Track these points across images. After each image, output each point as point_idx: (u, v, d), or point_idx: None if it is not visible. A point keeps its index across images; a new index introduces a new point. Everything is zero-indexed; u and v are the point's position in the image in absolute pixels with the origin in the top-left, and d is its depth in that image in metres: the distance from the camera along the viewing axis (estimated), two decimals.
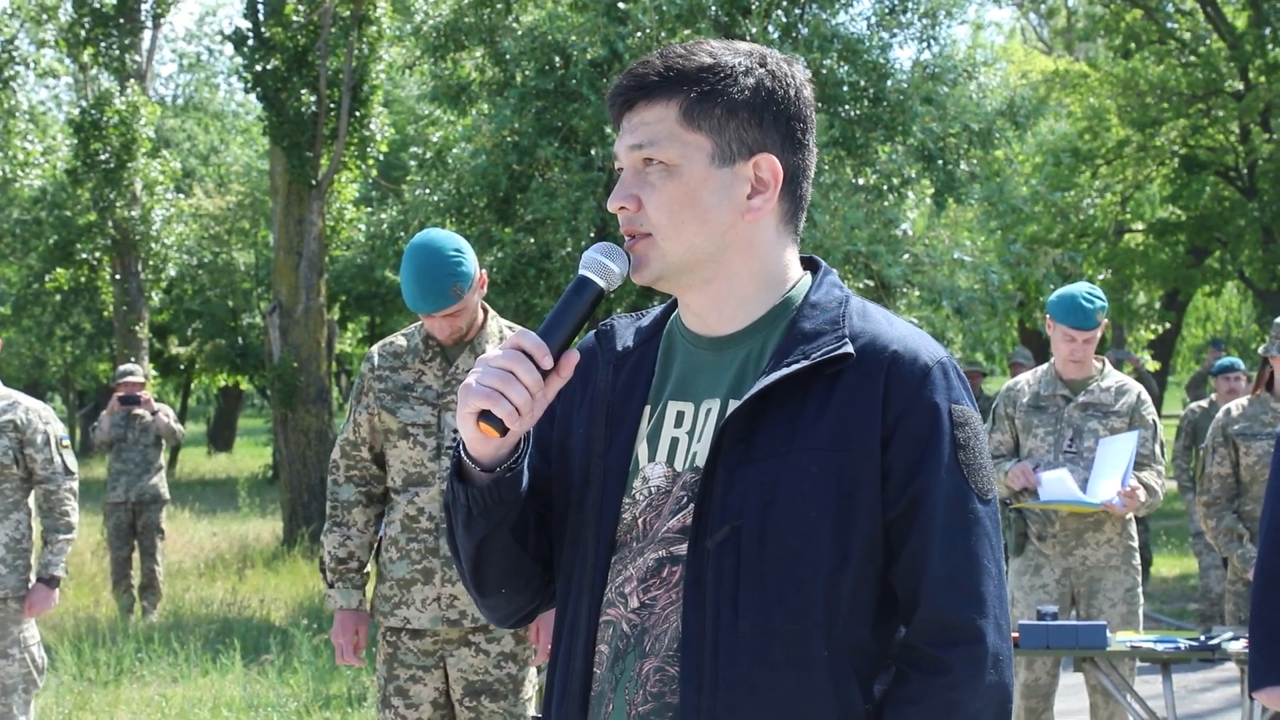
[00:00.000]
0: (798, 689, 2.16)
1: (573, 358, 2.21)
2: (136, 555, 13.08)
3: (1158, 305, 25.51)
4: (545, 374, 2.18)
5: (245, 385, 34.90)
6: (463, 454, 2.25)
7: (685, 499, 2.24)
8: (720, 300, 2.29)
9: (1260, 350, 6.88)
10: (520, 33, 13.31)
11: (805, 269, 2.37)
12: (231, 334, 30.29)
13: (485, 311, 5.05)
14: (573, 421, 2.38)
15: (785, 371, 2.19)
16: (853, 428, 2.18)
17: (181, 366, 32.94)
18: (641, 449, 2.30)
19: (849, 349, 2.21)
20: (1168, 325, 25.24)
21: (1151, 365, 23.24)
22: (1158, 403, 21.58)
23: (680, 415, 2.30)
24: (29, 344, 31.87)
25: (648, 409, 2.33)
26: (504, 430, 2.15)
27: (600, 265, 2.24)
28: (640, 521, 2.27)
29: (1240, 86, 21.17)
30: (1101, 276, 22.81)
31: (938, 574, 2.18)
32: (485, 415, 2.15)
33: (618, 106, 2.29)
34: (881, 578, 2.21)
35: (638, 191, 2.24)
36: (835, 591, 2.17)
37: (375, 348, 5.09)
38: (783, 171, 2.27)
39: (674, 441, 2.29)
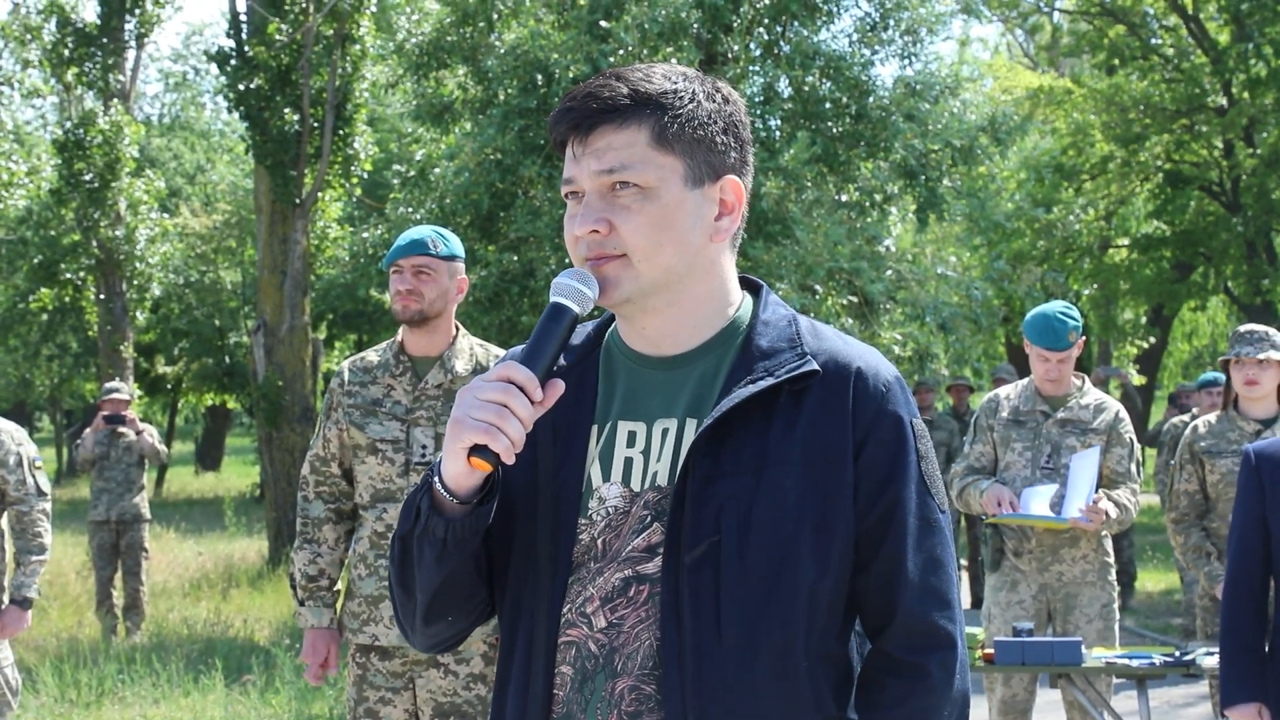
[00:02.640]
0: (782, 699, 2.20)
1: (557, 387, 2.20)
2: (121, 575, 13.04)
3: (1143, 320, 25.55)
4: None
5: (232, 404, 34.83)
6: (439, 487, 2.21)
7: (649, 518, 2.25)
8: (679, 322, 2.30)
9: (1219, 359, 6.89)
10: (503, 51, 13.30)
11: (744, 289, 2.39)
12: (218, 353, 30.23)
13: (458, 329, 5.08)
14: None
15: (755, 389, 2.22)
16: (825, 442, 2.23)
17: (168, 385, 32.87)
18: (594, 470, 2.30)
19: (814, 366, 2.25)
20: (1153, 340, 25.28)
21: (1138, 380, 23.28)
22: (1144, 418, 21.63)
23: (632, 435, 2.30)
24: (15, 364, 31.83)
25: (595, 429, 2.32)
26: (498, 465, 2.14)
27: (575, 291, 2.22)
28: (599, 542, 2.27)
29: (1223, 101, 21.23)
30: (1087, 292, 22.85)
31: (913, 582, 2.25)
32: (478, 450, 2.12)
33: (576, 128, 2.26)
34: (848, 587, 2.26)
35: (609, 215, 2.23)
36: (815, 602, 2.21)
37: (346, 363, 5.11)
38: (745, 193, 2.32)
39: (628, 461, 2.29)
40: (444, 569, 2.26)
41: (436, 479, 2.22)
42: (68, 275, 21.32)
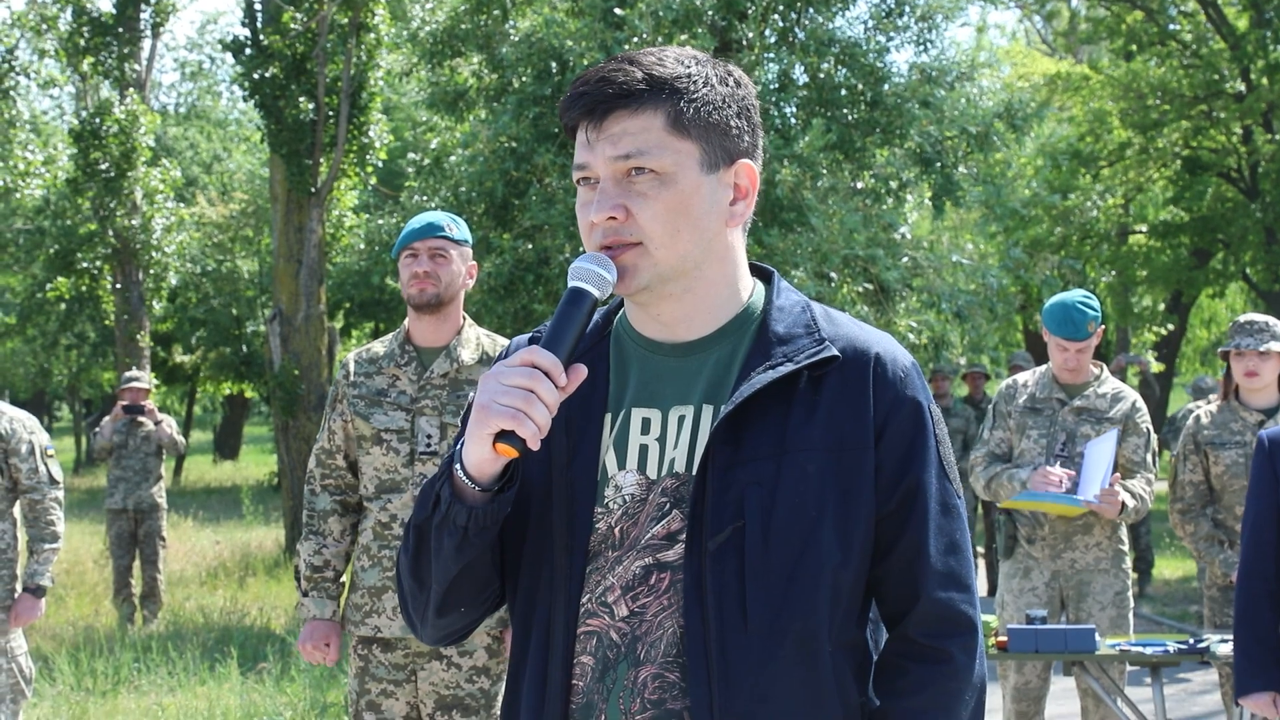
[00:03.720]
0: (806, 685, 2.19)
1: (580, 372, 2.19)
2: (138, 564, 13.08)
3: (1161, 307, 25.44)
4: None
5: (250, 393, 34.89)
6: (460, 475, 2.20)
7: (668, 505, 2.23)
8: (695, 308, 2.29)
9: (1219, 350, 6.87)
10: (517, 39, 13.29)
11: (755, 276, 2.38)
12: (235, 342, 30.29)
13: (464, 318, 5.05)
14: None
15: (776, 374, 2.21)
16: (846, 428, 2.22)
17: (186, 375, 32.93)
18: (609, 458, 2.28)
19: (834, 351, 2.24)
20: (1171, 327, 25.17)
21: (1156, 367, 23.18)
22: (1163, 405, 21.55)
23: (646, 422, 2.28)
24: (34, 353, 31.91)
25: (608, 417, 2.31)
26: (524, 450, 2.13)
27: (595, 275, 2.20)
28: (616, 530, 2.25)
29: (1242, 88, 21.12)
30: (1105, 279, 22.77)
31: (935, 567, 2.25)
32: (504, 435, 2.11)
33: (589, 113, 2.24)
34: (868, 573, 2.26)
35: (625, 201, 2.21)
36: (838, 588, 2.21)
37: (351, 355, 5.09)
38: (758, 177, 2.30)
39: (643, 449, 2.27)
40: (463, 558, 2.25)
41: (458, 466, 2.20)
42: (84, 264, 21.37)
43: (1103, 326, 6.67)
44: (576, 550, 2.26)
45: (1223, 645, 5.94)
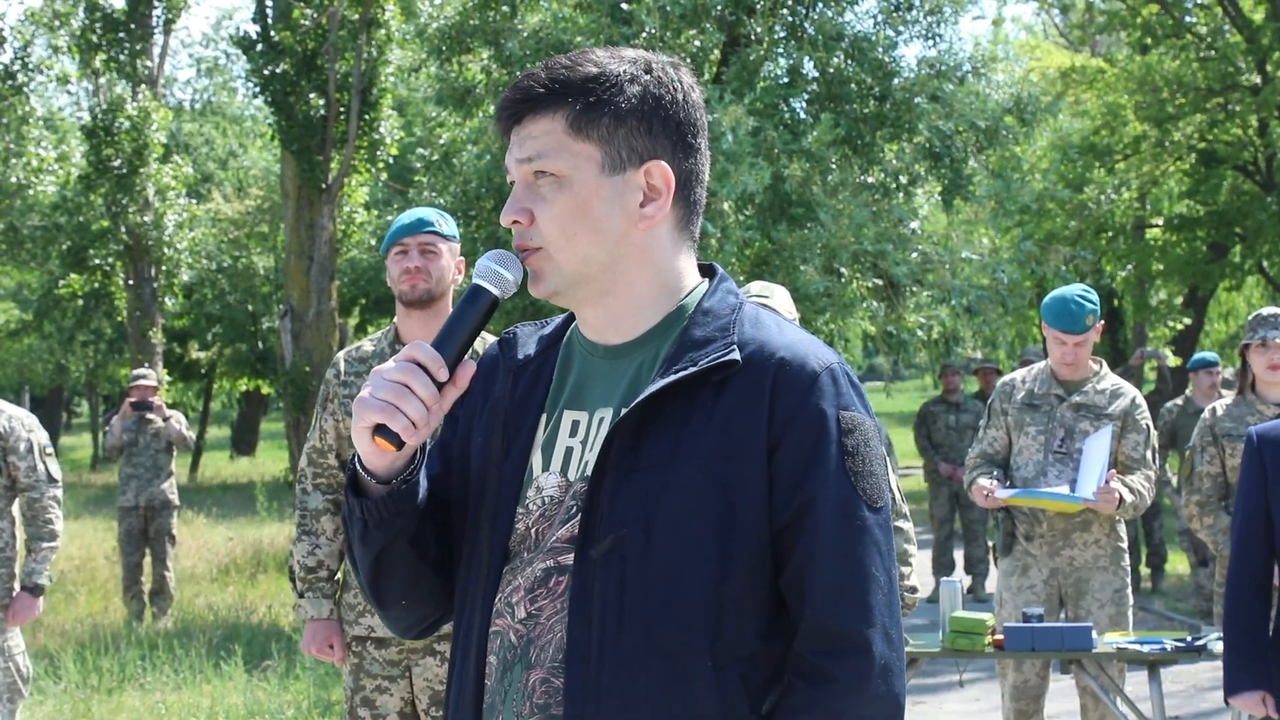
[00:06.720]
0: (680, 701, 2.13)
1: (468, 368, 2.21)
2: (148, 561, 13.12)
3: (1178, 301, 25.33)
4: (441, 386, 2.18)
5: (266, 389, 34.97)
6: (358, 467, 2.25)
7: (575, 509, 2.22)
8: (617, 311, 2.28)
9: (1240, 344, 6.83)
10: (525, 34, 13.27)
11: (703, 276, 2.34)
12: (251, 338, 30.35)
13: None
14: (474, 429, 2.37)
15: (669, 380, 2.17)
16: (738, 436, 2.15)
17: (202, 371, 33.00)
18: (536, 459, 2.29)
19: (735, 356, 2.18)
20: (1187, 321, 25.07)
21: (1174, 361, 23.11)
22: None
23: (575, 424, 2.28)
24: (50, 349, 32.01)
25: (544, 418, 2.31)
26: (400, 444, 2.15)
27: (494, 273, 2.23)
28: (533, 532, 2.25)
29: (1258, 80, 21.00)
30: (1122, 273, 22.69)
31: (823, 583, 2.15)
32: (381, 429, 2.14)
33: (505, 121, 2.27)
34: (772, 587, 2.18)
35: (529, 205, 2.23)
36: (719, 603, 2.14)
37: (341, 354, 5.09)
38: (675, 177, 2.25)
39: (568, 451, 2.27)
40: (370, 549, 2.28)
41: (357, 460, 2.24)
42: (96, 261, 21.43)
43: (1101, 322, 6.63)
44: (495, 549, 2.27)
45: (1220, 643, 5.90)
